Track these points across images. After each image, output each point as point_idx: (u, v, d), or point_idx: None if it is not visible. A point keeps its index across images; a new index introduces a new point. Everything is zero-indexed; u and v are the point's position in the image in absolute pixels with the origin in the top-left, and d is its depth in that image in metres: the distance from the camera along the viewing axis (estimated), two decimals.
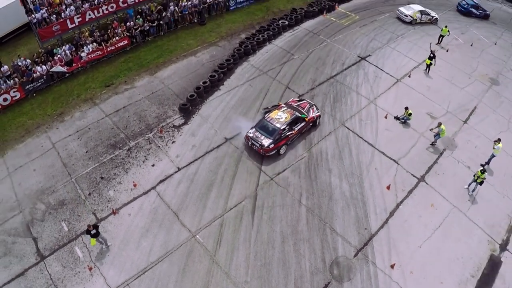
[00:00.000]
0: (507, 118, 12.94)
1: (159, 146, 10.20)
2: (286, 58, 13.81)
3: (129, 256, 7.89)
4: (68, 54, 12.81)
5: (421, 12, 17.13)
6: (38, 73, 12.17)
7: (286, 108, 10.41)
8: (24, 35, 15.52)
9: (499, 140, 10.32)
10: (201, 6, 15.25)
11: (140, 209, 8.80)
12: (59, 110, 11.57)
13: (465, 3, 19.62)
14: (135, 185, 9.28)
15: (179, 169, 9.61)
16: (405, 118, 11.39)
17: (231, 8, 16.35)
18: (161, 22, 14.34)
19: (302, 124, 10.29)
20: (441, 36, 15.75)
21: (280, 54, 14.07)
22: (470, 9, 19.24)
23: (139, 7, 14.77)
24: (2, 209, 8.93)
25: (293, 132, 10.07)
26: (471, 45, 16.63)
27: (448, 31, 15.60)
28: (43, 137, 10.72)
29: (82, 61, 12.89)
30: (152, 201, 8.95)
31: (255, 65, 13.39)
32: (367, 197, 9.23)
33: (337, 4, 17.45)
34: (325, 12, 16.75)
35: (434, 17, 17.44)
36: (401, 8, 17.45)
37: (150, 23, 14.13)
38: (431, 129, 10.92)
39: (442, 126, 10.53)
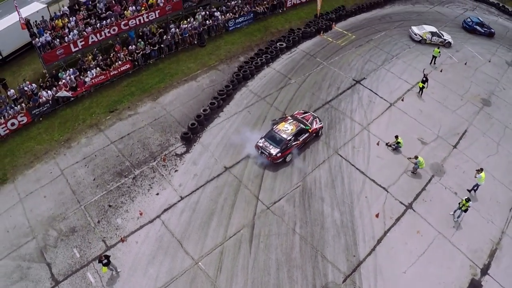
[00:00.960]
0: (497, 141, 13.72)
1: (163, 175, 11.04)
2: (284, 83, 14.60)
3: (138, 282, 8.82)
4: (73, 78, 13.48)
5: (432, 33, 17.79)
6: (44, 98, 12.88)
7: (292, 120, 11.84)
8: (28, 53, 16.22)
9: (481, 170, 11.10)
10: (201, 28, 15.84)
11: (146, 237, 9.70)
12: (65, 135, 12.35)
13: (470, 20, 20.21)
14: (141, 214, 10.16)
15: (182, 198, 10.48)
16: (395, 145, 12.17)
17: (230, 29, 17.00)
18: (162, 45, 14.96)
19: (306, 135, 11.71)
20: (434, 57, 16.42)
21: (277, 78, 14.84)
22: (475, 26, 19.84)
23: (140, 29, 15.34)
24: (16, 234, 9.82)
25: (298, 142, 11.48)
26: (465, 63, 17.31)
27: (439, 52, 16.28)
28: (52, 163, 11.53)
29: (86, 85, 13.59)
30: (158, 229, 9.85)
31: (254, 90, 14.18)
32: (357, 225, 10.15)
33: (334, 23, 18.12)
34: (322, 32, 17.43)
35: (447, 41, 17.88)
36: (413, 27, 18.24)
37: (151, 47, 14.77)
38: (409, 158, 11.75)
39: (420, 159, 11.35)
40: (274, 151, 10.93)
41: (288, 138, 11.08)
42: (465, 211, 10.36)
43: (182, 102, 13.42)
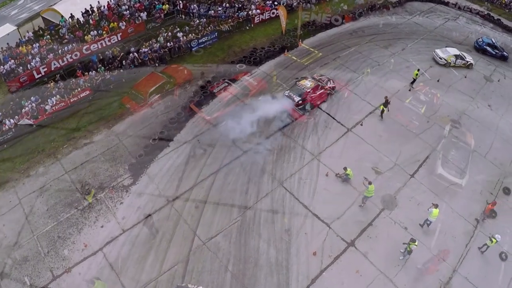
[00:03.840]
0: (462, 167, 13.14)
1: (109, 207, 11.62)
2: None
3: None
4: (34, 106, 14.08)
5: (456, 56, 17.63)
6: (7, 127, 13.58)
7: (311, 79, 15.40)
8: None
9: (436, 205, 10.79)
10: (162, 51, 15.96)
11: (89, 269, 10.40)
12: (26, 164, 13.11)
13: (481, 40, 19.55)
14: (85, 246, 10.83)
15: (123, 231, 11.09)
16: (344, 177, 12.01)
17: (193, 49, 17.00)
18: (121, 70, 15.25)
19: (322, 91, 15.05)
20: (414, 80, 15.95)
21: (233, 103, 14.76)
22: (485, 47, 19.22)
23: (100, 54, 15.66)
24: None
25: (315, 95, 14.83)
26: (438, 80, 16.55)
27: (417, 74, 15.76)
28: (11, 191, 12.33)
29: (47, 113, 14.16)
30: (99, 261, 10.53)
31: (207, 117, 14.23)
32: (292, 264, 10.37)
33: (300, 40, 17.81)
34: (286, 50, 17.15)
35: (469, 62, 17.67)
36: (437, 51, 17.96)
37: (111, 72, 15.08)
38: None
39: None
40: (296, 99, 14.38)
41: (307, 91, 14.58)
42: (409, 252, 10.18)
43: (135, 130, 13.87)
